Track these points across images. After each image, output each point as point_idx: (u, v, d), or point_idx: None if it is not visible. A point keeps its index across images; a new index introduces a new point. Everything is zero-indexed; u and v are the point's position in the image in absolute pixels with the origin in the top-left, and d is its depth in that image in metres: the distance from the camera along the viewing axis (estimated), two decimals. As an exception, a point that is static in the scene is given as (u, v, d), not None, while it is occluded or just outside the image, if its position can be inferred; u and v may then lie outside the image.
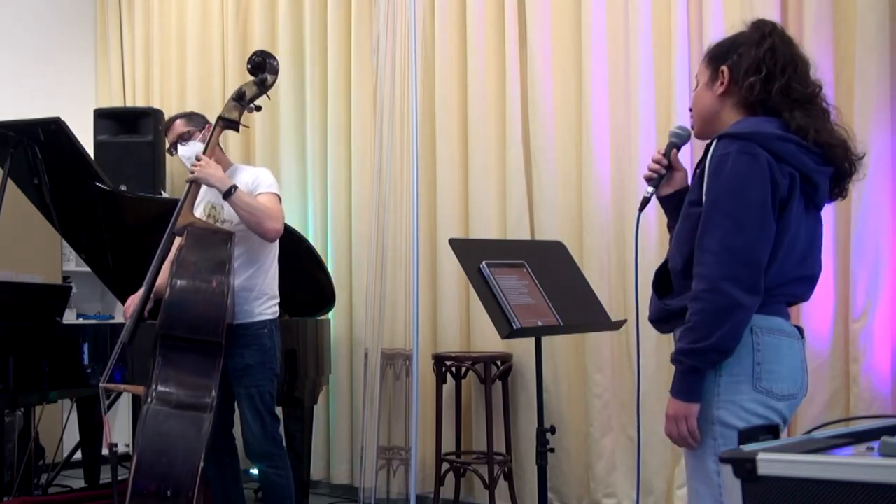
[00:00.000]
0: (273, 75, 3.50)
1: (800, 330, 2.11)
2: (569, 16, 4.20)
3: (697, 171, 2.10)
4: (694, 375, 2.00)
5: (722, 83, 2.11)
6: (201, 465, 3.05)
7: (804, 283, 2.10)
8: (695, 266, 2.01)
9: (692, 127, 2.24)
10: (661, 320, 2.18)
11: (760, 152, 1.97)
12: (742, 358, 1.99)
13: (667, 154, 2.27)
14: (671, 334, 2.23)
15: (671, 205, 2.29)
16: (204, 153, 3.45)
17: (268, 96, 3.56)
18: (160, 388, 3.18)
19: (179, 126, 3.65)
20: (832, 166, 2.06)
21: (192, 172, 3.42)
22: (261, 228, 3.40)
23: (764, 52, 2.08)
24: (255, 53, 3.53)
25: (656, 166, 2.26)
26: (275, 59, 3.52)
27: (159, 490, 3.01)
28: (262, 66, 3.49)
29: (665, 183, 2.28)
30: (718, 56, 2.15)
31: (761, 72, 2.06)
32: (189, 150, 3.57)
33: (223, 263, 3.27)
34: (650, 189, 2.27)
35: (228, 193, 3.36)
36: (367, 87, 4.88)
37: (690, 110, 2.24)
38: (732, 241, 1.96)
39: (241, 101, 3.49)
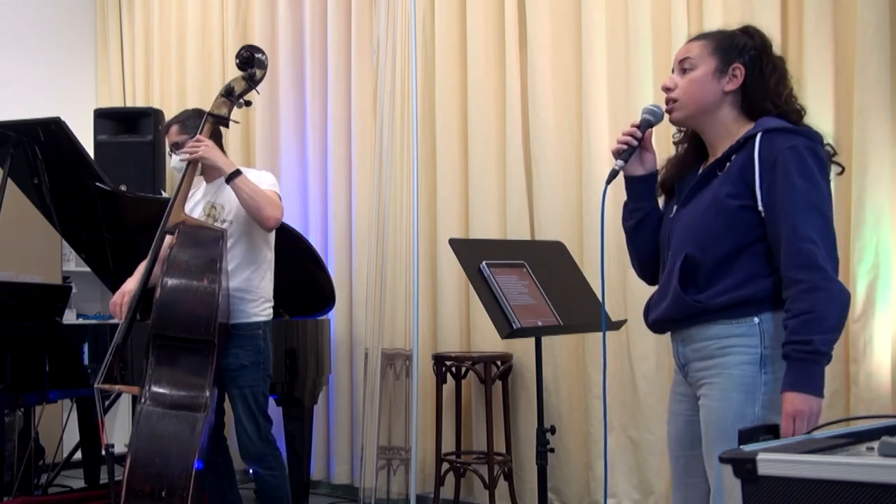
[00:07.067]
0: (261, 69, 3.48)
1: None
2: (569, 16, 4.20)
3: (728, 163, 2.06)
4: (823, 367, 1.92)
5: (731, 80, 2.09)
6: (196, 465, 3.04)
7: None
8: (793, 254, 1.95)
9: (670, 111, 2.16)
10: (683, 319, 2.09)
11: (821, 151, 2.01)
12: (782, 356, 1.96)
13: (641, 129, 2.20)
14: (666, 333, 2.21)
15: (638, 188, 2.25)
16: None
17: (257, 91, 3.55)
18: (153, 389, 3.16)
19: (173, 134, 3.63)
20: None
21: (194, 153, 3.38)
22: (260, 214, 3.38)
23: (783, 67, 2.12)
24: (243, 48, 3.52)
25: (628, 138, 2.19)
26: (263, 53, 3.50)
27: (153, 490, 3.00)
28: (249, 61, 3.47)
29: (635, 162, 2.23)
30: (727, 49, 2.11)
31: (788, 87, 2.10)
32: (180, 162, 3.55)
33: (214, 261, 3.25)
34: (619, 163, 2.19)
35: (233, 176, 3.35)
36: (367, 87, 4.88)
37: (668, 90, 2.15)
38: (826, 235, 1.96)
39: (230, 96, 3.48)
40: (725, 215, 2.03)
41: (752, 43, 2.12)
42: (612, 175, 2.19)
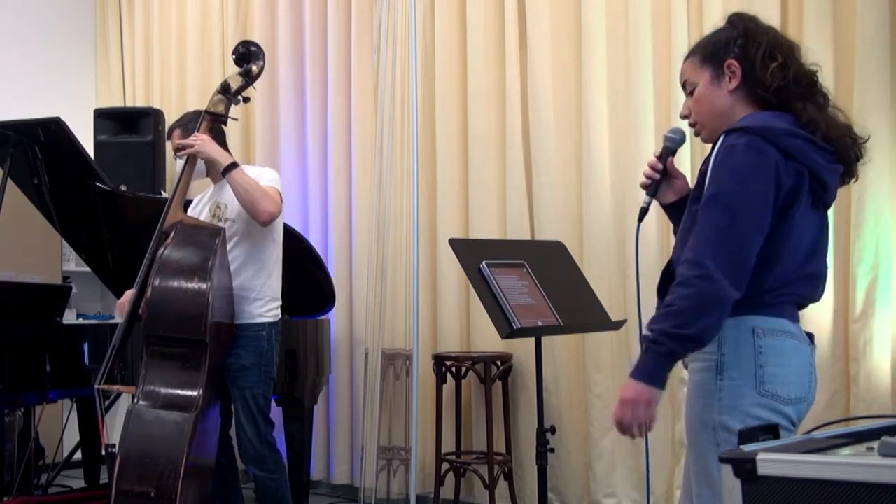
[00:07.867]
0: (258, 65, 3.45)
1: (810, 336, 2.05)
2: (569, 16, 4.20)
3: (703, 167, 2.05)
4: (669, 361, 1.92)
5: (732, 78, 2.05)
6: (185, 464, 3.02)
7: (810, 283, 2.06)
8: (687, 251, 1.94)
9: (697, 133, 2.16)
10: None
11: (769, 149, 1.92)
12: (742, 361, 1.93)
13: (662, 159, 2.21)
14: None
15: (677, 212, 2.22)
16: None
17: (254, 87, 3.53)
18: (145, 388, 3.15)
19: (176, 138, 3.62)
20: (842, 163, 2.02)
21: (193, 146, 3.37)
22: (254, 208, 3.34)
23: (771, 38, 2.05)
24: (240, 44, 3.50)
25: (650, 171, 2.21)
26: (259, 48, 3.48)
27: (143, 491, 2.99)
28: (246, 57, 3.45)
29: (666, 190, 2.23)
30: (714, 53, 2.08)
31: (777, 58, 2.02)
32: (180, 159, 3.53)
33: (206, 260, 3.22)
34: (647, 198, 2.22)
35: (229, 168, 3.33)
36: (367, 86, 4.88)
37: (686, 116, 2.16)
38: (728, 233, 1.90)
39: (227, 93, 3.45)
40: (689, 221, 2.03)
41: (735, 32, 2.08)
42: (643, 213, 2.22)
